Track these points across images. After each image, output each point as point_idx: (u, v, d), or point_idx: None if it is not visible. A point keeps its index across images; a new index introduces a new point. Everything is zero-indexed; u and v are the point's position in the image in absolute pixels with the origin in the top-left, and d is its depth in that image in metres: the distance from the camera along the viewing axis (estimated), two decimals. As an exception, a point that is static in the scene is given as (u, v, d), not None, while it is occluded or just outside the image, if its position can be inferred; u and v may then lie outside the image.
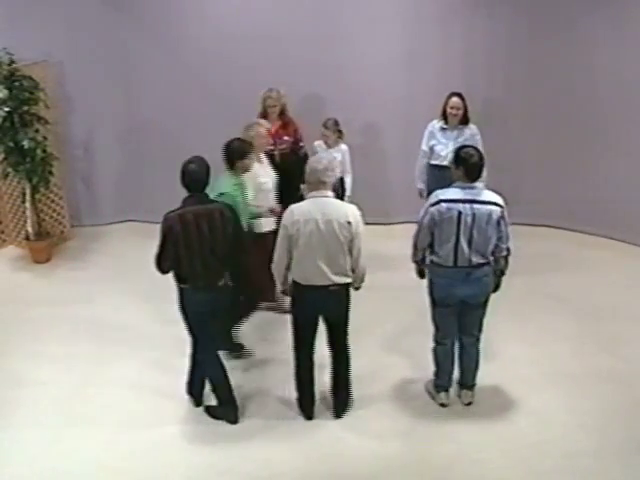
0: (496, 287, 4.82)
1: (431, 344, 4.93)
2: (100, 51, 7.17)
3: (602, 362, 5.34)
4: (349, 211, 4.42)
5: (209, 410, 4.85)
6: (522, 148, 7.49)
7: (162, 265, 4.47)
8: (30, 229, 6.98)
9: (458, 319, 4.78)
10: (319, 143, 6.37)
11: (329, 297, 4.49)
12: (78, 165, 7.52)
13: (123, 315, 6.04)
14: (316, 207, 4.36)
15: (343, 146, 6.42)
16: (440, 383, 4.95)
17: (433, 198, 4.51)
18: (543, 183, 7.53)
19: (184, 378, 5.16)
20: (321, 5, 7.15)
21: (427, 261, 4.69)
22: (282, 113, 6.33)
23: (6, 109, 6.43)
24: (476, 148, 4.69)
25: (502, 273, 4.79)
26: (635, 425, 4.68)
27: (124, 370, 5.25)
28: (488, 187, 4.59)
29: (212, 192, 4.65)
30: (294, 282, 4.54)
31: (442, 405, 4.92)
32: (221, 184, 4.95)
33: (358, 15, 7.14)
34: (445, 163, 5.99)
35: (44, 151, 6.66)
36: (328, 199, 4.43)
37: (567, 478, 4.31)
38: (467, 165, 4.48)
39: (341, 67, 7.21)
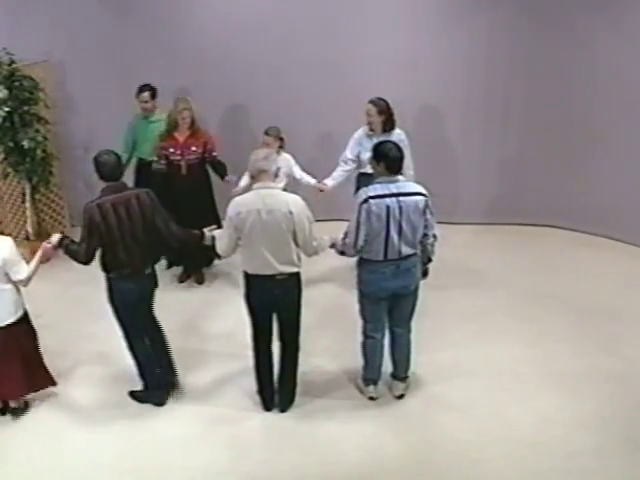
0: (424, 274, 4.93)
1: (360, 338, 4.94)
2: (100, 51, 7.18)
3: (602, 362, 5.34)
4: (291, 201, 4.45)
5: (134, 395, 4.97)
6: (522, 148, 7.50)
7: (85, 258, 4.53)
8: (30, 229, 6.98)
9: (389, 312, 4.82)
10: None
11: (277, 286, 4.54)
12: (78, 165, 7.52)
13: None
14: (259, 198, 4.41)
15: (286, 155, 6.25)
16: (369, 376, 4.98)
17: (361, 196, 4.52)
18: (543, 183, 7.54)
19: (184, 378, 5.18)
20: (323, 5, 7.16)
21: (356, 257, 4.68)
22: (192, 123, 6.19)
23: (6, 109, 6.43)
24: (394, 142, 4.74)
25: (429, 260, 4.89)
26: (635, 425, 4.68)
27: (124, 370, 5.24)
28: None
29: None
30: (244, 272, 4.60)
31: (371, 398, 4.95)
32: None
33: (359, 16, 7.15)
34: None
35: (44, 151, 6.67)
36: (271, 190, 4.47)
37: (567, 478, 4.31)
38: (387, 159, 4.53)
39: (342, 67, 7.22)
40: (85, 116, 7.30)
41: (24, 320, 4.74)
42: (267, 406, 4.87)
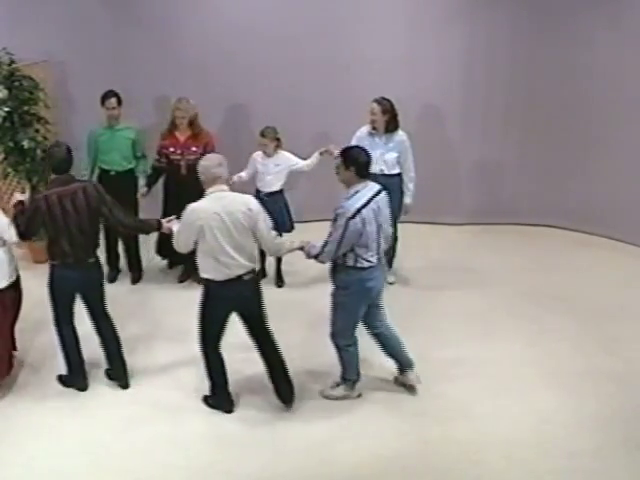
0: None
1: (335, 348, 4.87)
2: (100, 51, 7.19)
3: (602, 362, 5.34)
4: (247, 200, 4.58)
5: (60, 378, 5.12)
6: (522, 148, 7.50)
7: (20, 235, 4.78)
8: (30, 229, 6.97)
9: (365, 315, 4.82)
10: (257, 154, 6.24)
11: (246, 289, 4.63)
12: (78, 165, 7.51)
13: (122, 313, 6.04)
14: (217, 202, 4.48)
15: (284, 153, 6.27)
16: (354, 378, 4.95)
17: (349, 210, 4.45)
18: (543, 183, 7.54)
19: (184, 378, 5.18)
20: (322, 6, 7.16)
21: (350, 264, 4.58)
22: (192, 124, 6.22)
23: (6, 109, 6.43)
24: (361, 147, 4.80)
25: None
26: (635, 425, 4.68)
27: (128, 370, 5.25)
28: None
29: None
30: (207, 280, 4.60)
31: (359, 395, 4.97)
32: None
33: (359, 15, 7.16)
34: (373, 170, 5.93)
35: (44, 151, 6.65)
36: (225, 192, 4.56)
37: (567, 478, 4.31)
38: (358, 164, 4.55)
39: (342, 67, 7.23)
40: (85, 116, 7.28)
41: (16, 285, 5.03)
42: (229, 408, 4.86)
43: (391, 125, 6.08)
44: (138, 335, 5.74)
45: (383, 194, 4.68)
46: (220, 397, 4.88)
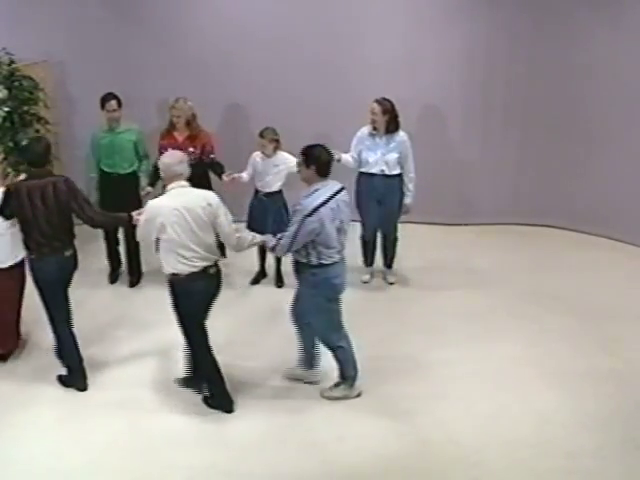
0: None
1: (328, 349, 4.90)
2: (100, 51, 7.20)
3: (602, 362, 5.34)
4: (206, 194, 4.64)
5: (60, 379, 5.10)
6: (522, 148, 7.50)
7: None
8: (30, 229, 6.97)
9: None
10: (257, 154, 6.22)
11: (211, 284, 4.66)
12: (78, 165, 7.52)
13: (122, 313, 6.05)
14: (177, 198, 4.52)
15: (284, 153, 6.22)
16: (353, 375, 4.95)
17: (306, 208, 4.45)
18: (543, 183, 7.55)
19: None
20: (322, 6, 7.17)
21: (315, 262, 4.58)
22: (189, 124, 6.21)
23: (6, 109, 6.44)
24: (322, 145, 4.68)
25: None
26: (635, 425, 4.68)
27: (123, 369, 5.26)
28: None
29: None
30: (173, 275, 4.60)
31: (359, 395, 4.97)
32: None
33: (359, 15, 7.17)
34: (374, 170, 6.12)
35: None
36: (185, 188, 4.60)
37: (567, 478, 4.30)
38: (319, 163, 4.55)
39: (341, 67, 7.23)
40: (85, 116, 7.29)
41: (21, 266, 5.18)
42: (229, 408, 4.85)
43: (392, 125, 6.08)
44: (134, 334, 5.74)
45: (344, 193, 4.66)
46: (219, 397, 4.87)
